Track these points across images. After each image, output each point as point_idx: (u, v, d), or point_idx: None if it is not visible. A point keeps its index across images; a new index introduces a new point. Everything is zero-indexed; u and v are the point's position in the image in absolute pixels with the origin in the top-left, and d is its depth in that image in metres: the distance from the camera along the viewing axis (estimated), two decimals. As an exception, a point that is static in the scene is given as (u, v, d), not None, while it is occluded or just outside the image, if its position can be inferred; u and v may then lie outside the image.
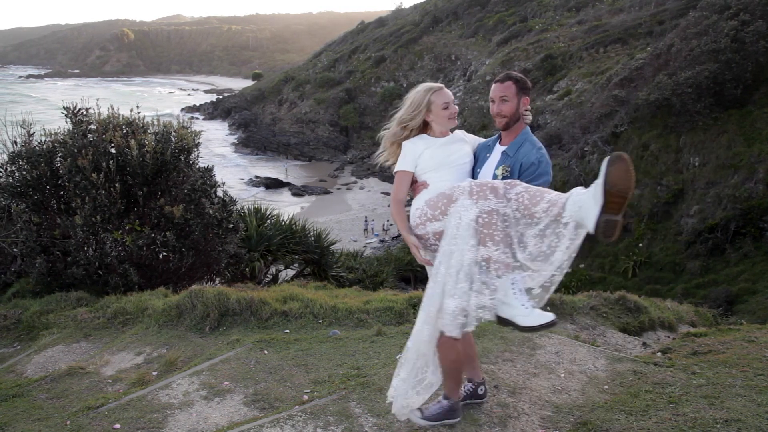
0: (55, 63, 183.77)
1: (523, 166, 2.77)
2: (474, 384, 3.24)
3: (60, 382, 4.00)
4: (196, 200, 6.71)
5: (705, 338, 4.51)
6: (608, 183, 2.22)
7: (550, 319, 2.43)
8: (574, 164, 25.75)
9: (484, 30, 55.17)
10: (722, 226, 18.49)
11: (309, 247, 9.76)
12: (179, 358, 4.24)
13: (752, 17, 22.51)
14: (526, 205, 2.48)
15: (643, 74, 26.71)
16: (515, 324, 2.49)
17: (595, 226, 2.25)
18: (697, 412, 3.06)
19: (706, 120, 21.91)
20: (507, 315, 2.50)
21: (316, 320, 5.02)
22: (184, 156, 6.87)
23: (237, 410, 3.43)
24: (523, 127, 2.90)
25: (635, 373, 3.75)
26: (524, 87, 2.85)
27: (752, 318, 11.00)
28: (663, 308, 6.22)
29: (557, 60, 40.45)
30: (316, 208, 39.36)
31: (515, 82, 2.83)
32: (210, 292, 5.21)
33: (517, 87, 2.83)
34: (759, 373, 3.53)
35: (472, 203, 2.50)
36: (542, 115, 35.09)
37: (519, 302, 2.47)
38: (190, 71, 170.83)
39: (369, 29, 78.88)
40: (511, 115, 2.85)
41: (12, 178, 6.44)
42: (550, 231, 2.44)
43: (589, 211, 2.27)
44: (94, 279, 6.28)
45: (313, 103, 61.15)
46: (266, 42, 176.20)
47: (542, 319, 2.44)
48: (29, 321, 5.47)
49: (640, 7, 41.77)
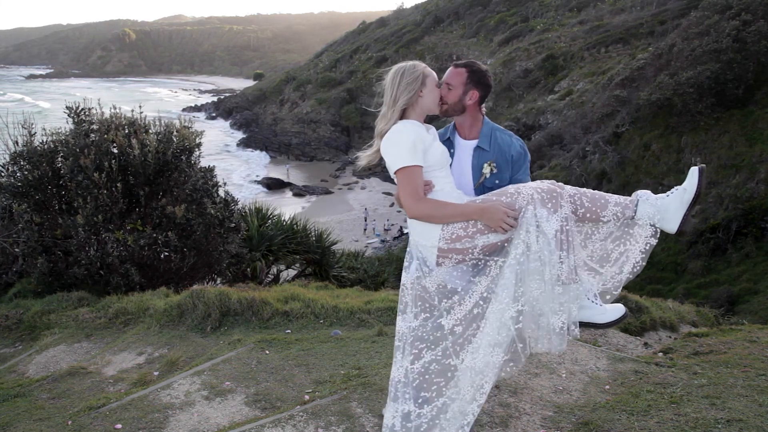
0: (57, 63, 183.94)
1: (514, 158, 2.67)
2: None
3: (61, 382, 4.01)
4: (197, 200, 6.72)
5: (706, 338, 4.50)
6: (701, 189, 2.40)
7: (623, 311, 2.49)
8: (576, 164, 25.73)
9: (485, 30, 55.18)
10: (724, 226, 18.46)
11: (310, 247, 9.76)
12: (181, 358, 4.25)
13: (754, 17, 22.48)
14: (588, 208, 2.42)
15: (644, 74, 26.70)
16: (595, 324, 2.49)
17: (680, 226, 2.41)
18: (699, 413, 3.06)
19: (708, 120, 21.89)
20: (585, 318, 2.47)
21: (318, 320, 5.02)
22: (186, 156, 6.88)
23: (238, 410, 3.43)
24: (482, 118, 2.71)
25: (637, 373, 3.75)
26: (478, 80, 2.59)
27: (754, 318, 10.97)
28: (664, 308, 6.22)
29: (559, 60, 40.46)
30: (317, 208, 39.34)
31: (469, 72, 2.59)
32: (211, 292, 5.22)
33: (469, 77, 2.58)
34: (761, 373, 3.53)
35: (549, 213, 2.30)
36: (544, 115, 35.09)
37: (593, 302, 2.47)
38: (192, 71, 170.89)
39: (370, 29, 78.88)
40: (452, 104, 2.60)
41: (13, 178, 6.45)
42: (619, 234, 2.46)
43: (676, 213, 2.41)
44: (95, 279, 6.29)
45: (315, 103, 61.18)
46: (268, 42, 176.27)
47: (617, 313, 2.47)
48: (31, 321, 5.48)
49: (642, 7, 41.74)
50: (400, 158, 2.39)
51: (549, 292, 2.32)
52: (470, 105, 2.63)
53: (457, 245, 2.36)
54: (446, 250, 2.37)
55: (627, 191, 16.30)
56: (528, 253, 2.29)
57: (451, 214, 2.34)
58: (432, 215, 2.36)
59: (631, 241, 2.45)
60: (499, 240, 2.34)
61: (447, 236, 2.36)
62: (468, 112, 2.65)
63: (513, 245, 2.31)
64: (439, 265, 2.41)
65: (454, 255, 2.37)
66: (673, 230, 2.41)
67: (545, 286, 2.31)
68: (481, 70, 2.63)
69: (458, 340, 2.42)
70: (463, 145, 2.70)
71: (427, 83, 2.52)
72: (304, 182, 47.48)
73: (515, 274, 2.30)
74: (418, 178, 2.38)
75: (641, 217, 2.42)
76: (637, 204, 2.43)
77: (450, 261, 2.39)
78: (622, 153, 24.45)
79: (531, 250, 2.29)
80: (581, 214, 2.40)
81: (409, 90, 2.48)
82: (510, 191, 2.36)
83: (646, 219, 2.42)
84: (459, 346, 2.43)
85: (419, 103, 2.52)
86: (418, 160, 2.39)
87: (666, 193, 2.45)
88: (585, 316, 2.47)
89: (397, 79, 2.51)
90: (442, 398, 2.48)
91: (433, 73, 2.57)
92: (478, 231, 2.33)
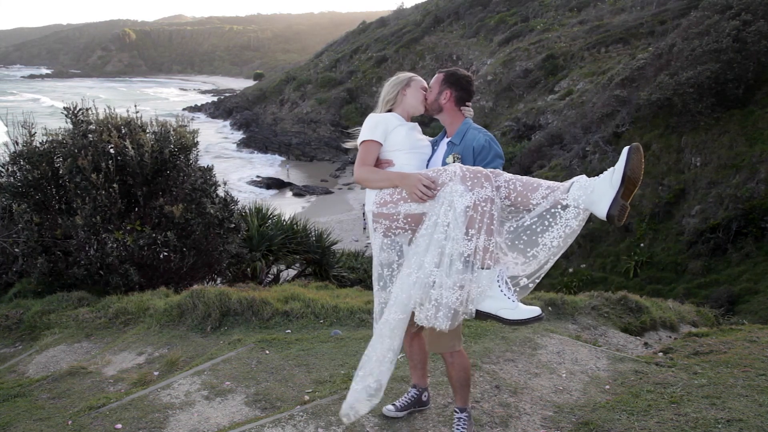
0: (57, 63, 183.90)
1: (476, 150, 2.73)
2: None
3: (61, 382, 4.01)
4: (196, 200, 6.72)
5: (707, 338, 4.51)
6: (629, 169, 2.27)
7: (537, 313, 2.36)
8: (576, 164, 25.70)
9: (485, 30, 55.13)
10: (724, 226, 18.43)
11: (310, 247, 9.76)
12: (181, 358, 4.25)
13: (754, 17, 22.45)
14: (519, 192, 2.42)
15: (644, 74, 26.67)
16: (499, 318, 2.37)
17: (609, 209, 2.29)
18: (699, 413, 3.06)
19: (708, 120, 21.87)
20: (490, 309, 2.38)
21: (318, 320, 5.02)
22: (184, 155, 6.87)
23: (238, 410, 3.43)
24: (463, 118, 2.89)
25: (637, 373, 3.75)
26: (452, 81, 2.86)
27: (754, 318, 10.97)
28: (664, 308, 6.21)
29: (559, 60, 40.42)
30: (317, 207, 39.32)
31: (445, 74, 2.88)
32: (211, 292, 5.22)
33: (444, 79, 2.87)
34: (761, 373, 3.53)
35: (465, 189, 2.37)
36: (544, 115, 35.07)
37: (504, 295, 2.37)
38: (192, 71, 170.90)
39: (370, 29, 78.84)
40: (429, 103, 2.90)
41: (13, 178, 6.45)
42: (545, 214, 2.39)
43: (604, 195, 2.31)
44: (95, 279, 6.29)
45: (315, 103, 61.16)
46: (268, 42, 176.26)
47: (529, 313, 2.36)
48: (31, 321, 5.48)
49: (642, 7, 41.71)
50: (362, 135, 2.77)
51: (447, 266, 2.37)
52: (445, 104, 2.88)
53: (384, 210, 2.57)
54: (377, 215, 2.60)
55: (627, 191, 16.01)
56: (436, 224, 2.40)
57: (380, 178, 2.61)
58: (366, 178, 2.65)
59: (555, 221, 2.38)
60: (420, 211, 2.49)
61: (378, 201, 2.60)
62: (445, 112, 2.89)
63: (427, 216, 2.45)
64: (375, 230, 2.65)
65: (383, 220, 2.58)
66: (602, 213, 2.30)
67: (444, 259, 2.38)
68: (456, 73, 2.88)
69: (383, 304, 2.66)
70: (443, 143, 2.92)
71: (411, 85, 2.88)
72: (304, 182, 47.44)
73: (425, 243, 2.42)
74: (369, 151, 2.70)
75: (568, 198, 2.36)
76: (570, 187, 2.39)
77: (381, 226, 2.60)
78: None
79: (438, 221, 2.39)
80: (514, 198, 2.45)
81: (393, 90, 2.88)
82: (439, 168, 2.53)
83: (572, 200, 2.36)
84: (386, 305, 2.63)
85: (403, 101, 2.88)
86: (376, 136, 2.72)
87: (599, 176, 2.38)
88: (490, 307, 2.39)
89: (388, 84, 2.92)
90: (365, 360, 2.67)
91: (421, 79, 2.94)
92: (401, 198, 2.52)
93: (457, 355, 2.83)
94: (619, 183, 2.28)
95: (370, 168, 2.68)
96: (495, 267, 2.40)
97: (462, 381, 2.88)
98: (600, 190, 2.32)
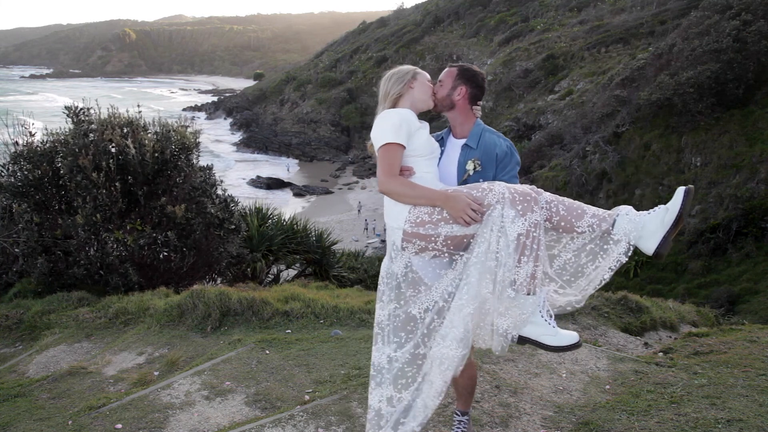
0: (57, 63, 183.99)
1: (499, 157, 2.63)
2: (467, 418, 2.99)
3: (62, 382, 4.01)
4: (197, 199, 6.72)
5: (707, 338, 4.51)
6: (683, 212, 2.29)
7: (576, 339, 2.34)
8: (576, 164, 25.71)
9: (485, 30, 55.17)
10: (724, 226, 18.45)
11: (310, 247, 9.76)
12: (181, 358, 4.25)
13: (754, 17, 22.46)
14: (563, 216, 2.35)
15: (644, 74, 26.67)
16: (541, 344, 2.34)
17: (658, 247, 2.29)
18: (699, 412, 3.06)
19: (708, 120, 21.88)
20: (531, 334, 2.35)
21: (318, 320, 5.02)
22: (185, 155, 6.88)
23: (238, 410, 3.43)
24: (475, 118, 2.74)
25: (637, 373, 3.75)
26: (467, 77, 2.67)
27: (754, 318, 10.97)
28: (665, 308, 6.22)
29: (559, 60, 40.45)
30: (317, 208, 39.35)
31: (459, 69, 2.68)
32: (211, 292, 5.22)
33: (459, 75, 2.67)
34: (761, 373, 3.53)
35: (517, 215, 2.24)
36: (544, 115, 35.09)
37: (546, 321, 2.34)
38: (192, 71, 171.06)
39: (371, 29, 78.89)
40: (440, 99, 2.68)
41: (14, 177, 6.45)
42: (593, 247, 2.36)
43: (654, 233, 2.30)
44: (95, 279, 6.29)
45: (315, 103, 61.20)
46: (268, 42, 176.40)
47: (569, 339, 2.33)
48: (31, 321, 5.48)
49: (642, 7, 41.73)
50: (383, 136, 2.41)
51: (499, 293, 2.28)
52: (458, 101, 2.67)
53: (420, 230, 2.33)
54: (410, 234, 2.35)
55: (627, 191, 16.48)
56: (488, 251, 2.27)
57: (418, 195, 2.33)
58: (399, 193, 2.35)
59: (604, 256, 2.34)
60: (463, 234, 2.31)
61: (413, 219, 2.34)
62: (457, 110, 2.69)
63: (477, 242, 2.29)
64: (404, 249, 2.41)
65: (417, 240, 2.35)
66: (650, 251, 2.29)
67: (495, 287, 2.28)
68: (472, 70, 2.68)
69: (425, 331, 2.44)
70: (453, 143, 2.73)
71: (417, 78, 2.60)
72: (304, 182, 47.46)
73: (478, 272, 2.29)
74: (396, 156, 2.39)
75: (618, 232, 2.32)
76: (616, 218, 2.34)
77: (413, 246, 2.37)
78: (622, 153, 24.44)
79: (490, 248, 2.26)
80: (556, 222, 2.36)
81: (399, 83, 2.57)
82: (483, 186, 2.33)
83: (623, 235, 2.32)
84: (427, 337, 2.44)
85: (410, 94, 2.59)
86: (401, 138, 2.40)
87: (648, 211, 2.34)
88: (532, 333, 2.35)
89: (389, 78, 2.62)
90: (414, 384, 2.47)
91: (425, 72, 2.67)
92: (442, 219, 2.30)
93: (467, 364, 2.80)
94: (671, 223, 2.29)
95: (403, 181, 2.38)
96: (539, 293, 2.35)
97: (468, 388, 2.87)
98: (651, 227, 2.31)
